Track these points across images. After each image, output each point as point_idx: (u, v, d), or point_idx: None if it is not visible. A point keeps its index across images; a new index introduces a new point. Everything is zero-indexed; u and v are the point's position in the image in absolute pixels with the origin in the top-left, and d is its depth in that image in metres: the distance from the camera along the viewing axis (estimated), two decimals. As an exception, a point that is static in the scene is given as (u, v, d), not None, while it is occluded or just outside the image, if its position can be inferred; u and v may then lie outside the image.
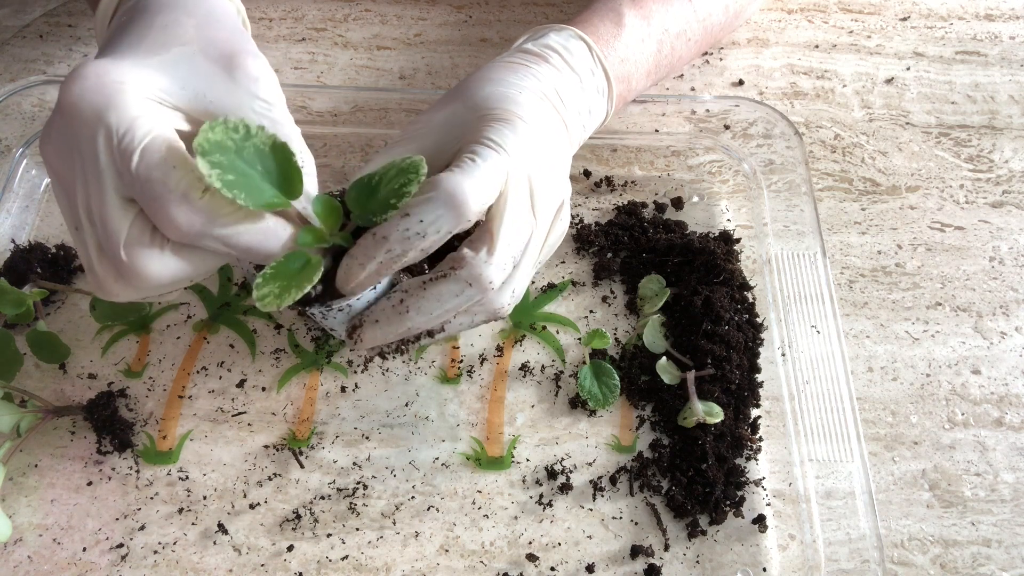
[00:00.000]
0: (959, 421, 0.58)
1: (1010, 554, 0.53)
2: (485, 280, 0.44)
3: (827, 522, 0.51)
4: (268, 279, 0.39)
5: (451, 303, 0.44)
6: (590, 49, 0.54)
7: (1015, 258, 0.65)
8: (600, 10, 0.59)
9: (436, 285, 0.44)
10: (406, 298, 0.44)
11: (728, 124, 0.68)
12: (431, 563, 0.51)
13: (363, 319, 0.45)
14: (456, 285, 0.44)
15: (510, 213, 0.44)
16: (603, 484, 0.54)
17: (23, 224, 0.62)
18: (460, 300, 0.44)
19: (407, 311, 0.44)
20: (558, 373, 0.58)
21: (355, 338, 0.45)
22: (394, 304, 0.44)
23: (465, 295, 0.44)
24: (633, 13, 0.59)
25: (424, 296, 0.44)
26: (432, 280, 0.44)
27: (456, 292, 0.44)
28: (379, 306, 0.45)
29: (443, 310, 0.44)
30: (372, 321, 0.45)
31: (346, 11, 0.78)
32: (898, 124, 0.72)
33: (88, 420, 0.54)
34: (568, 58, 0.53)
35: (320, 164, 0.66)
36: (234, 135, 0.37)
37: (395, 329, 0.45)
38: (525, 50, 0.53)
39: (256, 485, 0.53)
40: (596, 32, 0.56)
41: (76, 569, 0.50)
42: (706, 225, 0.65)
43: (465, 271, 0.43)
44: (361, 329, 0.45)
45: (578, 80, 0.53)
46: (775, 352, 0.58)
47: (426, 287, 0.44)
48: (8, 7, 0.76)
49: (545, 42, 0.54)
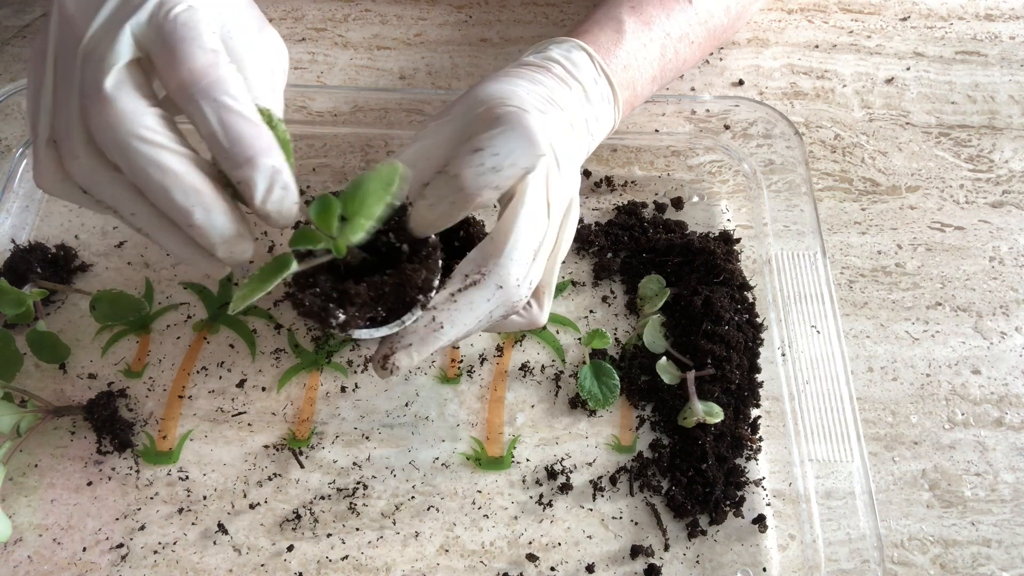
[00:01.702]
0: (959, 421, 0.58)
1: (1010, 554, 0.53)
2: (512, 280, 0.44)
3: (827, 522, 0.51)
4: (249, 281, 0.38)
5: (483, 308, 0.44)
6: (592, 58, 0.55)
7: (1015, 258, 0.65)
8: (600, 19, 0.59)
9: (467, 294, 0.44)
10: (437, 315, 0.44)
11: (728, 124, 0.68)
12: (431, 563, 0.51)
13: (395, 347, 0.44)
14: (487, 290, 0.44)
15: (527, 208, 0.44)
16: (603, 484, 0.54)
17: (23, 224, 0.62)
18: (491, 304, 0.44)
19: (441, 327, 0.44)
20: (558, 373, 0.58)
21: (389, 367, 0.44)
22: (426, 324, 0.44)
23: (496, 298, 0.44)
24: (633, 20, 0.59)
25: (456, 308, 0.44)
26: (461, 290, 0.44)
27: (488, 296, 0.44)
28: (410, 329, 0.44)
29: (475, 318, 0.44)
30: (404, 346, 0.44)
31: (346, 11, 0.78)
32: (898, 124, 0.72)
33: (88, 420, 0.54)
34: (571, 68, 0.53)
35: (320, 164, 0.67)
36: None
37: (429, 348, 0.44)
38: (527, 63, 0.53)
39: (256, 485, 0.53)
40: (596, 41, 0.56)
41: (76, 569, 0.50)
42: (706, 225, 0.65)
43: (493, 275, 0.43)
44: (394, 357, 0.44)
45: (581, 89, 0.53)
46: (775, 352, 0.58)
47: (456, 299, 0.44)
48: (8, 7, 0.76)
49: (547, 55, 0.54)
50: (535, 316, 0.49)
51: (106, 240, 0.62)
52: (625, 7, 0.59)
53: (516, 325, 0.49)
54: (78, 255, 0.61)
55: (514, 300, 0.45)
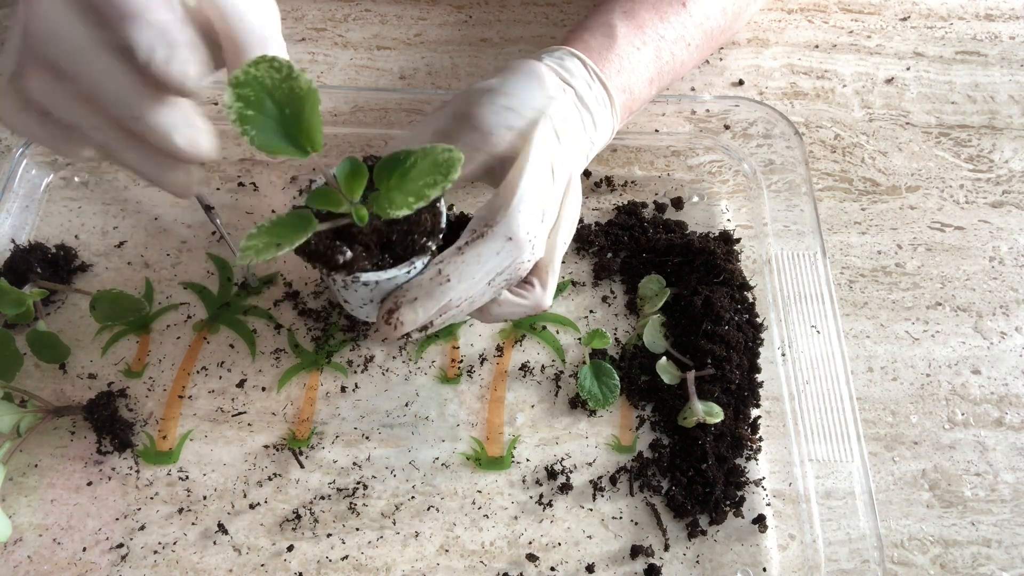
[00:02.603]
0: (959, 421, 0.58)
1: (1010, 554, 0.53)
2: (522, 232, 0.43)
3: (827, 522, 0.51)
4: (259, 232, 0.37)
5: (491, 262, 0.43)
6: (584, 64, 0.55)
7: (1015, 258, 0.65)
8: (592, 25, 0.59)
9: (474, 247, 0.43)
10: (443, 267, 0.43)
11: (728, 124, 0.68)
12: (431, 563, 0.51)
13: (399, 301, 0.43)
14: (495, 242, 0.43)
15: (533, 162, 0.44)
16: (603, 484, 0.54)
17: (23, 224, 0.62)
18: (500, 259, 0.43)
19: (447, 280, 0.43)
20: (558, 373, 0.58)
21: (393, 323, 0.44)
22: (432, 276, 0.43)
23: (505, 252, 0.43)
24: (625, 24, 0.59)
25: (464, 260, 0.43)
26: (469, 243, 0.43)
27: (496, 250, 0.43)
28: (415, 282, 0.43)
29: (483, 271, 0.43)
30: (410, 300, 0.43)
31: (346, 11, 0.78)
32: (898, 124, 0.72)
33: (88, 420, 0.54)
34: (564, 75, 0.54)
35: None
36: (275, 75, 0.36)
37: (436, 303, 0.43)
38: None
39: (256, 485, 0.53)
40: (588, 47, 0.57)
41: (76, 569, 0.50)
42: (706, 225, 0.65)
43: (502, 226, 0.43)
44: (399, 312, 0.43)
45: (574, 94, 0.53)
46: (775, 352, 0.58)
47: (464, 251, 0.43)
48: (8, 7, 0.76)
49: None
50: (539, 297, 0.48)
51: (106, 240, 0.62)
52: (617, 12, 0.60)
53: (521, 310, 0.48)
54: (78, 255, 0.61)
55: (523, 257, 0.44)
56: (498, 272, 0.44)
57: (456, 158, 0.38)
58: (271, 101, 0.36)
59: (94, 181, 0.65)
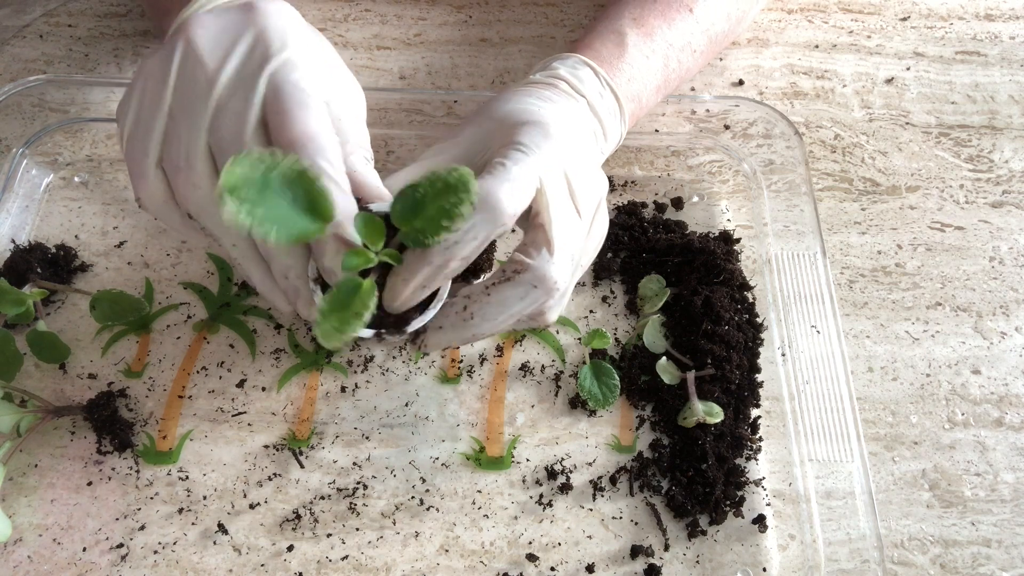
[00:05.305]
0: (959, 421, 0.58)
1: (1010, 554, 0.53)
2: (550, 280, 0.44)
3: (827, 522, 0.51)
4: (327, 313, 0.38)
5: (516, 307, 0.44)
6: (596, 73, 0.55)
7: (1015, 258, 0.65)
8: (602, 32, 0.59)
9: (500, 290, 0.44)
10: (469, 304, 0.44)
11: (728, 124, 0.68)
12: (431, 563, 0.51)
13: (427, 325, 0.45)
14: (520, 288, 0.44)
15: (556, 209, 0.44)
16: (603, 484, 0.54)
17: (23, 224, 0.62)
18: (525, 303, 0.44)
19: (471, 317, 0.44)
20: (558, 373, 0.58)
21: (419, 344, 0.46)
22: (458, 311, 0.45)
23: (530, 297, 0.44)
24: (635, 32, 0.59)
25: (488, 302, 0.44)
26: (495, 285, 0.44)
27: (521, 295, 0.44)
28: (443, 312, 0.45)
29: (507, 315, 0.44)
30: (436, 327, 0.45)
31: (346, 11, 0.78)
32: (898, 124, 0.72)
33: (88, 420, 0.54)
34: (577, 85, 0.54)
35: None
36: (259, 166, 0.36)
37: (460, 335, 0.45)
38: (535, 81, 0.54)
39: (256, 485, 0.53)
40: (599, 56, 0.57)
41: (76, 569, 0.50)
42: (706, 225, 0.65)
43: (529, 273, 0.44)
44: (425, 335, 0.45)
45: (587, 104, 0.54)
46: (775, 352, 0.58)
47: (490, 292, 0.44)
48: (8, 7, 0.76)
49: (553, 72, 0.55)
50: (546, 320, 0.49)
51: (106, 240, 0.62)
52: (627, 19, 0.60)
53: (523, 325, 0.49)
54: (78, 255, 0.61)
55: (550, 303, 0.46)
56: (523, 313, 0.45)
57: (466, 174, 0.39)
58: (270, 192, 0.37)
59: (94, 181, 0.65)
